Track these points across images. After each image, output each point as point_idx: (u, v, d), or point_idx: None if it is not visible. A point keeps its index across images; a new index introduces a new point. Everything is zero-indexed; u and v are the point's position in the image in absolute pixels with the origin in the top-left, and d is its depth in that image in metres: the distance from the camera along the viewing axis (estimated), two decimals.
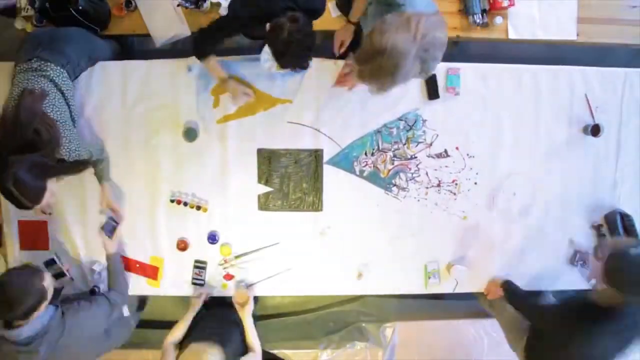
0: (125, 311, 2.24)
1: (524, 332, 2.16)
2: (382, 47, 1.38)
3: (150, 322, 2.81)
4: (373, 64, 1.42)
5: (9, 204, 2.30)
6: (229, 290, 2.36)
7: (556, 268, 2.45)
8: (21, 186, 1.65)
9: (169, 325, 2.17)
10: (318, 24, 2.27)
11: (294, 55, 1.85)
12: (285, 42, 1.79)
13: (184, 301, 2.41)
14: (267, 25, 1.84)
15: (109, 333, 2.19)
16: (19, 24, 2.32)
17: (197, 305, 2.26)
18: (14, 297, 1.67)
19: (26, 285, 1.71)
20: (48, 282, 1.80)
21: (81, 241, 2.36)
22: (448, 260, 2.42)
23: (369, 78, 1.49)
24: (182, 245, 2.34)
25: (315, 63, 2.29)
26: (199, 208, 2.33)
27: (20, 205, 1.72)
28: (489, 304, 2.57)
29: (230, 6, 2.00)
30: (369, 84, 1.52)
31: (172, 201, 2.32)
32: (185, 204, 2.33)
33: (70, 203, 2.34)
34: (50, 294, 1.80)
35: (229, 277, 2.36)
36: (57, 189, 1.89)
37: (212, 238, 2.34)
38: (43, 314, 1.79)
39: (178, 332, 2.12)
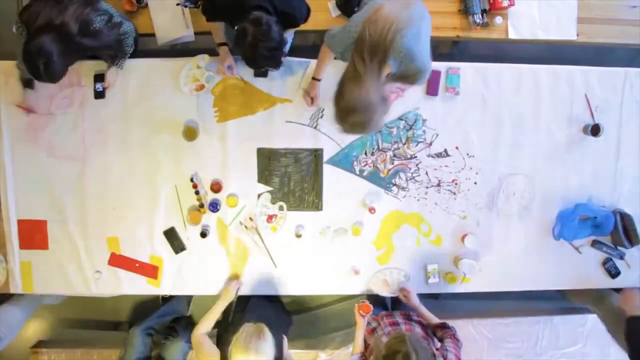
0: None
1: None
2: (349, 107, 1.55)
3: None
4: (348, 122, 1.60)
5: (8, 204, 2.33)
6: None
7: (556, 268, 2.45)
8: (49, 66, 1.70)
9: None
10: (319, 24, 2.29)
11: (263, 57, 1.81)
12: (250, 45, 1.76)
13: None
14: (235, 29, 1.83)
15: None
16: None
17: (229, 296, 2.25)
18: None
19: None
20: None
21: (81, 241, 2.37)
22: (450, 259, 2.42)
23: (349, 131, 1.65)
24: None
25: (315, 63, 2.30)
26: (202, 206, 2.34)
27: (38, 78, 1.76)
28: (590, 300, 2.62)
29: None
30: (350, 133, 1.68)
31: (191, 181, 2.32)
32: (197, 192, 2.32)
33: (71, 203, 2.35)
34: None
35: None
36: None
37: (214, 206, 2.34)
38: None
39: (208, 324, 2.12)
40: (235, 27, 1.82)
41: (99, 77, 2.25)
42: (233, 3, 1.85)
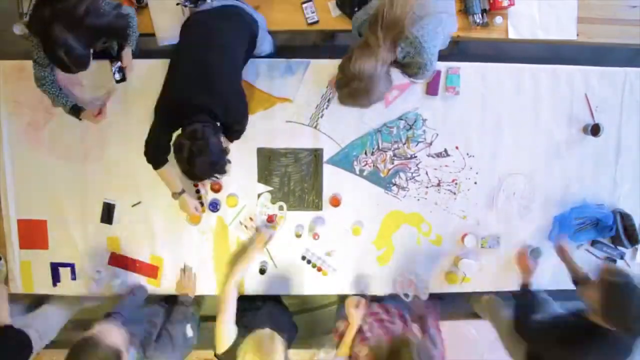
0: (189, 331, 2.18)
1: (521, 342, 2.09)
2: (353, 74, 1.58)
3: None
4: (349, 88, 1.62)
5: (8, 204, 2.33)
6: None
7: (556, 267, 2.45)
8: (70, 53, 1.71)
9: None
10: (319, 24, 2.29)
11: (203, 171, 1.77)
12: (188, 161, 1.71)
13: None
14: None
15: None
16: (19, 29, 2.19)
17: (261, 246, 2.22)
18: None
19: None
20: (112, 340, 1.62)
21: (81, 241, 2.37)
22: (450, 259, 2.42)
23: (348, 100, 1.68)
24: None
25: (315, 63, 2.30)
26: (202, 205, 2.33)
27: (67, 69, 1.77)
28: (482, 308, 2.57)
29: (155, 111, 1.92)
30: (350, 104, 1.71)
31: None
32: (198, 191, 2.32)
33: (71, 203, 2.35)
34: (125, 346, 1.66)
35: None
36: None
37: (214, 206, 2.34)
38: None
39: (239, 274, 2.08)
40: (172, 143, 1.77)
41: (114, 61, 2.15)
42: (172, 117, 1.81)
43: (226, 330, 1.89)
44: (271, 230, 2.34)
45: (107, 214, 2.36)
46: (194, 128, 1.72)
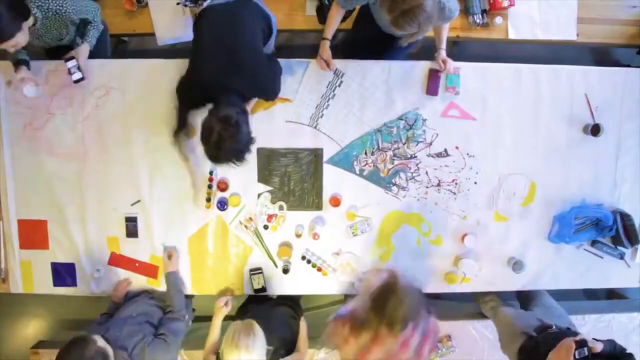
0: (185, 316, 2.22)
1: (518, 336, 2.12)
2: None
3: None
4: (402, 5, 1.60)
5: (8, 204, 2.33)
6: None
7: (556, 267, 2.45)
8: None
9: None
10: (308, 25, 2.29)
11: (226, 158, 1.80)
12: (215, 145, 1.75)
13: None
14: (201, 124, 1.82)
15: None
16: None
17: (223, 311, 2.21)
18: None
19: (81, 357, 1.63)
20: (101, 342, 1.72)
21: (81, 241, 2.37)
22: (450, 259, 2.42)
23: (398, 19, 1.64)
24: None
25: (315, 63, 2.30)
26: (208, 200, 2.34)
27: None
28: (488, 307, 2.57)
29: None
30: (398, 28, 1.68)
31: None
32: (210, 186, 2.33)
33: (71, 203, 2.35)
34: (110, 352, 1.72)
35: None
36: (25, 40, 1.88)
37: (222, 204, 2.34)
38: None
39: (212, 340, 2.12)
40: (202, 122, 1.81)
41: (69, 59, 2.08)
42: (209, 83, 1.87)
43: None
44: (226, 297, 2.26)
45: (133, 227, 2.35)
46: (228, 114, 1.74)
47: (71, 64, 2.05)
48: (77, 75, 2.06)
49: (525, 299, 2.56)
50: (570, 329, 2.08)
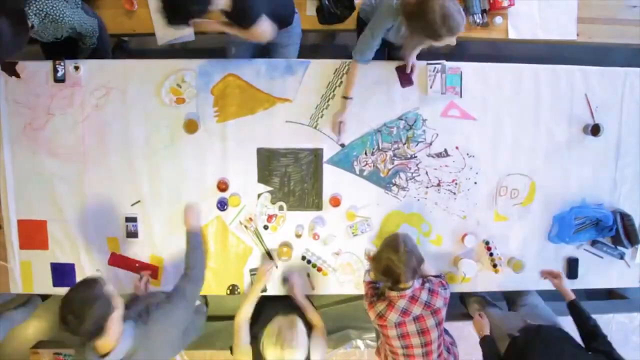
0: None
1: (504, 338, 2.16)
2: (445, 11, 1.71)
3: None
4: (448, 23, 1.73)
5: (8, 204, 2.33)
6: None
7: (555, 267, 2.45)
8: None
9: None
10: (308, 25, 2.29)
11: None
12: None
13: None
14: None
15: (187, 330, 2.05)
16: None
17: (264, 279, 2.22)
18: (78, 308, 1.56)
19: (88, 294, 1.59)
20: (110, 288, 1.66)
21: (81, 241, 2.37)
22: (450, 259, 2.42)
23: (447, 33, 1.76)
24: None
25: (315, 63, 2.30)
26: None
27: None
28: (474, 309, 2.58)
29: None
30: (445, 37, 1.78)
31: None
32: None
33: (71, 203, 2.35)
34: (117, 301, 1.65)
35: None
36: None
37: (222, 205, 2.34)
38: (125, 337, 1.67)
39: (248, 309, 2.10)
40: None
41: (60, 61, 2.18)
42: None
43: (240, 346, 1.97)
44: (271, 262, 2.33)
45: (133, 227, 2.36)
46: None
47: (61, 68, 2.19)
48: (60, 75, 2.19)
49: (511, 298, 2.57)
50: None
